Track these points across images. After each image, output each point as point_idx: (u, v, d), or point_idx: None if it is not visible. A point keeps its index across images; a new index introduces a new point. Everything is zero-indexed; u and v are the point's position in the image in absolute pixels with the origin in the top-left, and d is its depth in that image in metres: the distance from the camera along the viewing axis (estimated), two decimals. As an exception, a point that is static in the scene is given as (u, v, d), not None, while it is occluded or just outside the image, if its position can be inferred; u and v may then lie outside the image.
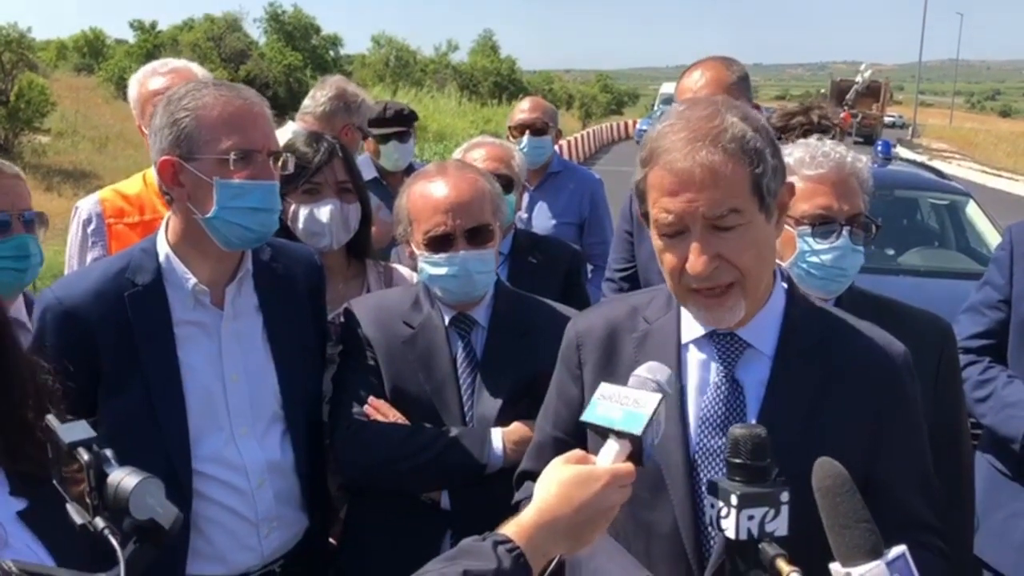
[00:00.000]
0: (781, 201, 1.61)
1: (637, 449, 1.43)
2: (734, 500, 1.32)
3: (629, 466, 1.43)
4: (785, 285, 1.72)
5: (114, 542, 1.15)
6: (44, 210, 2.57)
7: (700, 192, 1.51)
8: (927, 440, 1.71)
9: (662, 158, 1.54)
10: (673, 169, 1.53)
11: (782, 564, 1.28)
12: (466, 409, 2.21)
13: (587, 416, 1.47)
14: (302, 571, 2.20)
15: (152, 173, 3.03)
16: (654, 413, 1.42)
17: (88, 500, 1.21)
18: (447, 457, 2.11)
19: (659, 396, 1.45)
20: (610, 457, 1.43)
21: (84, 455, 1.22)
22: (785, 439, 1.47)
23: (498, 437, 2.14)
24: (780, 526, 1.33)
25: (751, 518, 1.32)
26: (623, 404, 1.45)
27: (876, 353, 1.67)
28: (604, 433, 1.45)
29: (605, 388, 1.48)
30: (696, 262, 1.55)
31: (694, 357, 1.70)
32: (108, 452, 1.24)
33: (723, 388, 1.65)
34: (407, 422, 2.18)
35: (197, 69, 3.15)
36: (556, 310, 2.35)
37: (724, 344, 1.67)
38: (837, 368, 1.64)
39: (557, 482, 1.40)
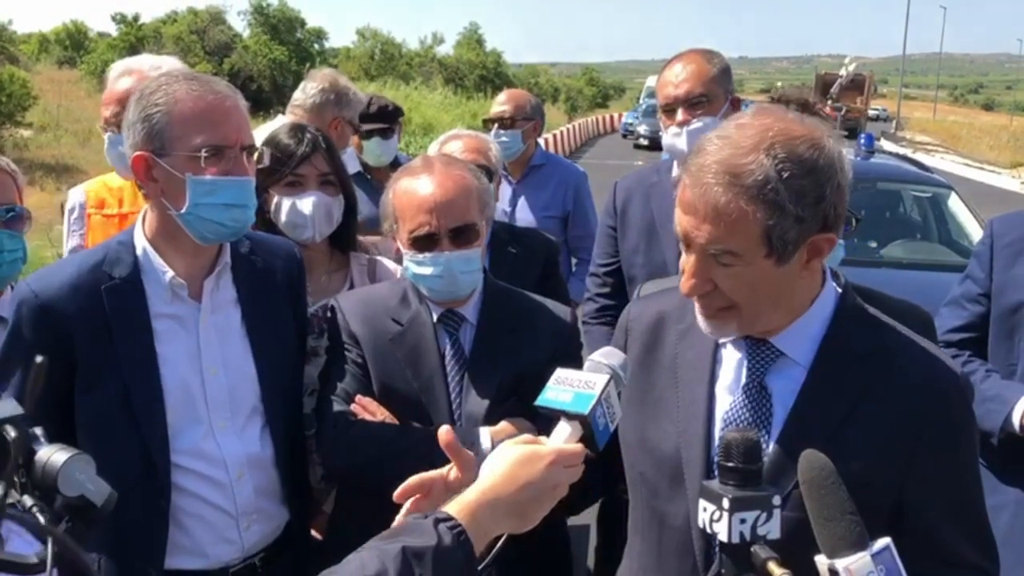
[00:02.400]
0: (814, 248, 1.54)
1: (589, 431, 1.43)
2: (726, 503, 1.32)
3: (577, 446, 1.43)
4: (839, 290, 1.67)
5: (42, 520, 1.13)
6: (26, 204, 2.54)
7: (702, 223, 1.50)
8: (978, 475, 1.65)
9: (686, 172, 1.53)
10: (686, 190, 1.53)
11: (773, 567, 1.29)
12: (454, 407, 2.19)
13: (539, 400, 1.47)
14: (283, 565, 2.20)
15: None
16: (602, 393, 1.43)
17: (16, 479, 1.17)
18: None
19: (607, 376, 1.45)
20: (560, 439, 1.44)
21: (11, 432, 1.18)
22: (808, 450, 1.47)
23: (486, 437, 2.11)
24: (773, 529, 1.33)
25: (743, 521, 1.32)
26: (574, 387, 1.45)
27: (926, 374, 1.58)
28: (557, 416, 1.45)
29: (560, 373, 1.49)
30: (685, 282, 1.55)
31: (730, 356, 1.68)
32: (37, 430, 1.20)
33: (751, 393, 1.63)
34: (395, 420, 2.16)
35: (177, 64, 3.11)
36: (546, 307, 2.34)
37: (756, 350, 1.64)
38: (878, 384, 1.57)
39: (503, 461, 1.41)
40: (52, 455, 1.18)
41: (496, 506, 1.37)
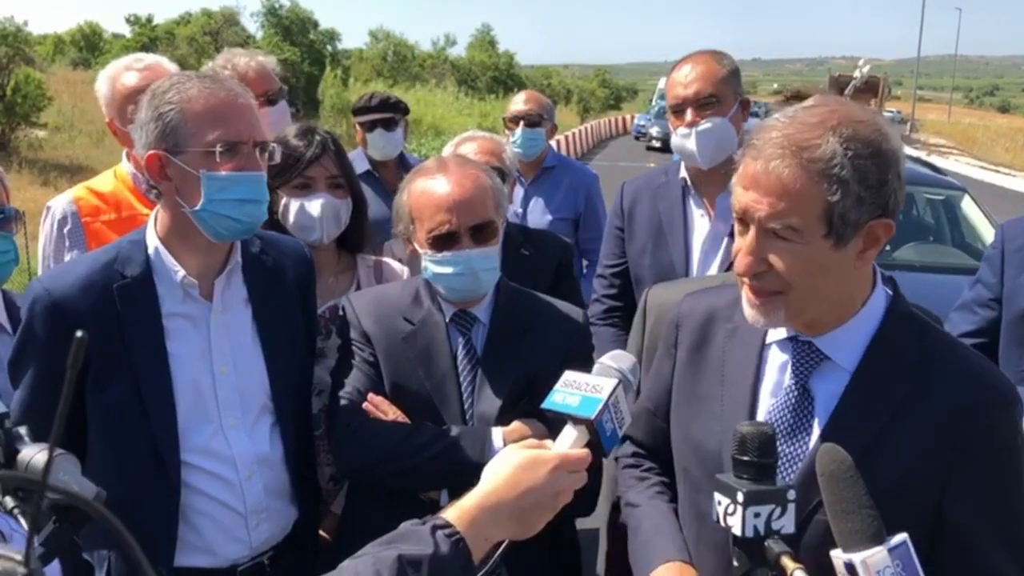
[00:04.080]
0: (871, 235, 1.53)
1: (595, 436, 1.42)
2: (740, 497, 1.31)
3: (582, 451, 1.42)
4: (890, 294, 1.66)
5: (23, 522, 1.10)
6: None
7: (764, 196, 1.49)
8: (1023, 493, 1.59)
9: (749, 151, 1.53)
10: (748, 165, 1.52)
11: (787, 561, 1.28)
12: (466, 407, 2.19)
13: (546, 403, 1.47)
14: (291, 563, 2.20)
15: (122, 168, 3.01)
16: (609, 398, 1.42)
17: None
18: (447, 456, 2.08)
19: (615, 380, 1.44)
20: (567, 443, 1.42)
21: None
22: (849, 455, 1.46)
23: (498, 436, 2.11)
24: (787, 524, 1.32)
25: (757, 515, 1.31)
26: (582, 390, 1.44)
27: (974, 387, 1.56)
28: (564, 421, 1.45)
29: (568, 376, 1.48)
30: (741, 259, 1.55)
31: (775, 358, 1.68)
32: (21, 429, 1.18)
33: (793, 395, 1.63)
34: (407, 419, 2.16)
35: (168, 64, 3.09)
36: (558, 308, 2.34)
37: (801, 352, 1.64)
38: (922, 394, 1.55)
39: (506, 466, 1.39)
40: (35, 455, 1.15)
41: (497, 512, 1.35)
